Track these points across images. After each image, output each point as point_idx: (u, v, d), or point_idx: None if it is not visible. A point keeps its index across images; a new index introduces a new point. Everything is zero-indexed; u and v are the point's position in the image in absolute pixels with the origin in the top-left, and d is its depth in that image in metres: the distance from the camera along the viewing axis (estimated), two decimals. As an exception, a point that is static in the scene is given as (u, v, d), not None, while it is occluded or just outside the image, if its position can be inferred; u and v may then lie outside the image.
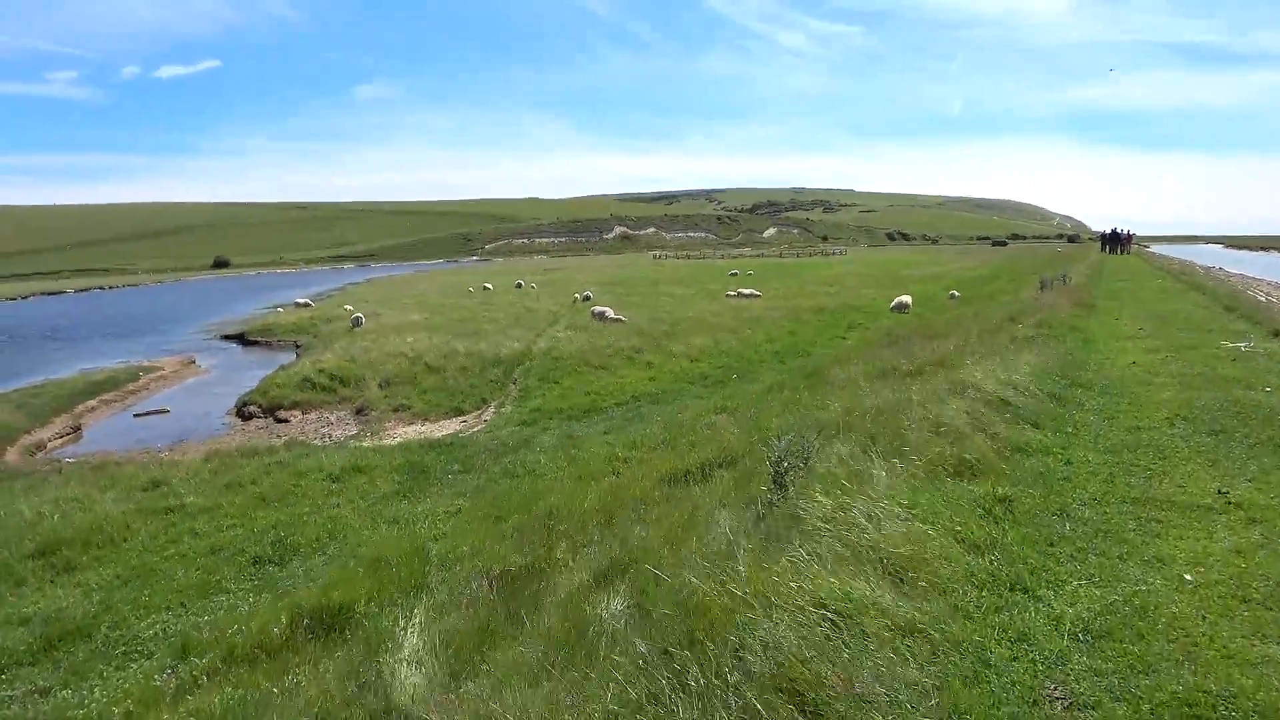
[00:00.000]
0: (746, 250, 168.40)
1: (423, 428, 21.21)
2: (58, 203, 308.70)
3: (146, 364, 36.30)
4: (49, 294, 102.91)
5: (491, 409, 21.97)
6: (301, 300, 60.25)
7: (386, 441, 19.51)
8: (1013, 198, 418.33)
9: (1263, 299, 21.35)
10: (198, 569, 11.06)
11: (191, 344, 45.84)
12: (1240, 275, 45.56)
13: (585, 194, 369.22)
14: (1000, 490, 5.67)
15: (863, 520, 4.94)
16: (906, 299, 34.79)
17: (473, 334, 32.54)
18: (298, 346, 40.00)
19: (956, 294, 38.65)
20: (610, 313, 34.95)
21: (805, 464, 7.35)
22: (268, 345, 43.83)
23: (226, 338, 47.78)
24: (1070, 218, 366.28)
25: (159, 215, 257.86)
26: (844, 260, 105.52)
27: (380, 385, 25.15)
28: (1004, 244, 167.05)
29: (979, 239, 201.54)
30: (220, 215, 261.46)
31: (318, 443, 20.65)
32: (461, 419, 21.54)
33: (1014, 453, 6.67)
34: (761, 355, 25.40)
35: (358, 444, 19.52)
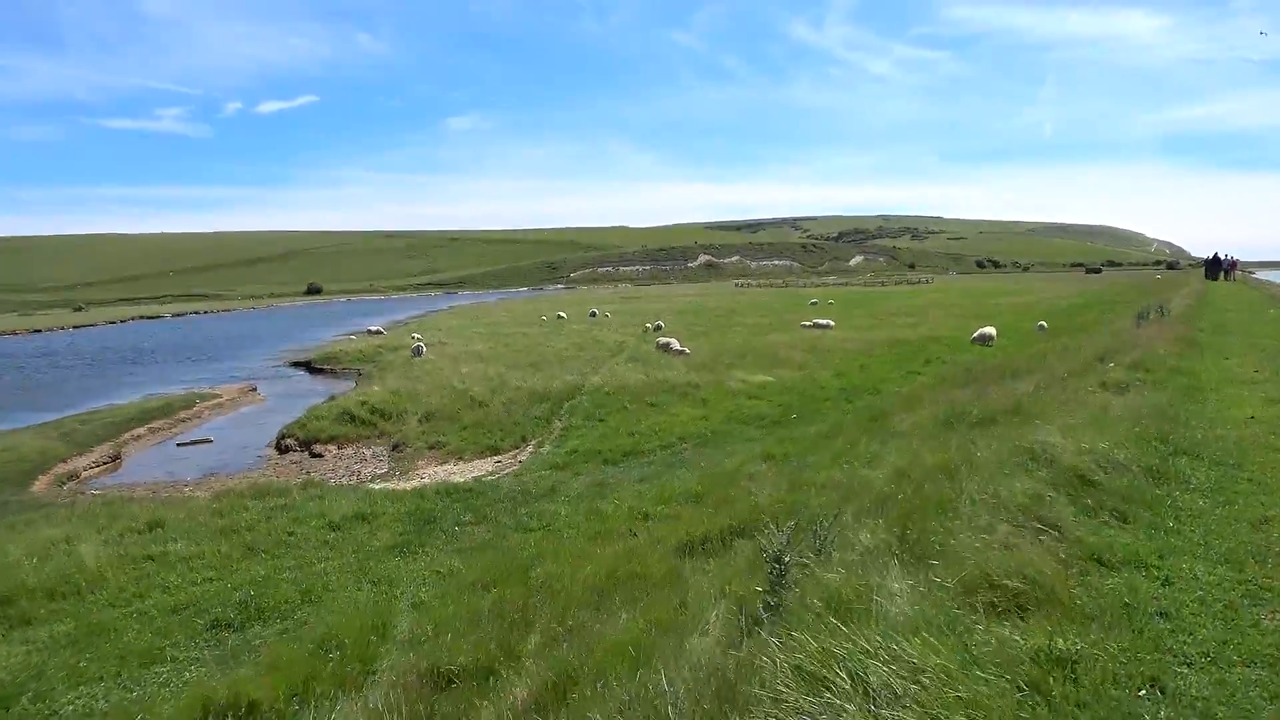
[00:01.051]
0: (831, 279, 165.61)
1: (455, 467, 19.96)
2: (166, 230, 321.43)
3: (207, 391, 36.23)
4: (147, 318, 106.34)
5: (530, 448, 20.59)
6: (374, 328, 60.25)
7: (410, 483, 18.30)
8: (1108, 223, 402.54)
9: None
10: (152, 631, 9.83)
11: (259, 370, 46.10)
12: None
13: (671, 222, 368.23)
14: (1062, 643, 3.66)
15: (846, 686, 3.29)
16: (990, 331, 32.47)
17: (531, 365, 31.43)
18: (360, 375, 39.54)
19: (1044, 325, 36.12)
20: (675, 344, 33.55)
21: (819, 553, 5.75)
22: (332, 373, 43.53)
23: (295, 364, 47.88)
24: (1169, 243, 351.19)
25: (258, 243, 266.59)
26: (930, 289, 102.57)
27: (421, 420, 24.06)
28: (1098, 271, 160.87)
29: (1072, 266, 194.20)
30: (316, 243, 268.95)
31: (342, 481, 19.67)
32: (497, 458, 20.21)
33: (1089, 564, 4.74)
34: (827, 393, 23.54)
35: (380, 485, 18.39)
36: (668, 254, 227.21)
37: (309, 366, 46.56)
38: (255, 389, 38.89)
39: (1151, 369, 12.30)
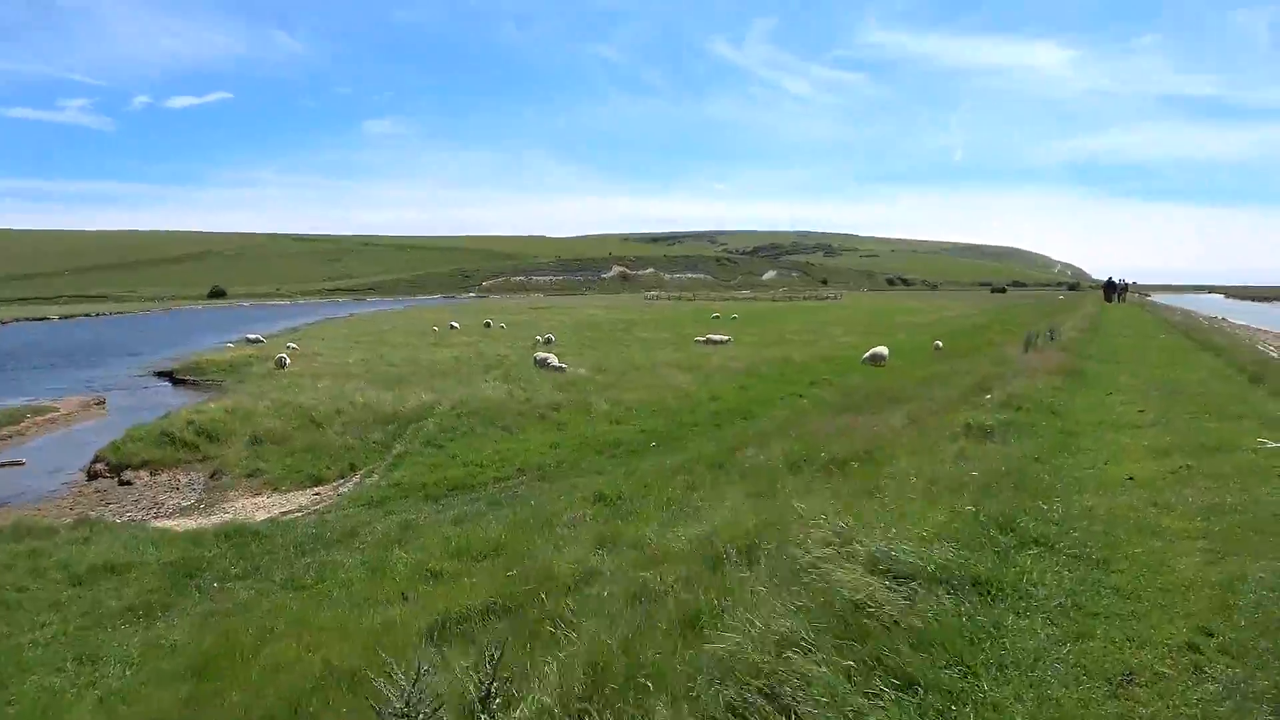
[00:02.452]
0: (745, 292, 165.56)
1: (267, 500, 17.50)
2: (65, 228, 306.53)
3: (45, 404, 32.66)
4: (33, 319, 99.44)
5: (355, 479, 18.22)
6: (254, 336, 56.81)
7: (208, 519, 15.87)
8: (1015, 245, 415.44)
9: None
10: None
11: (120, 380, 42.54)
12: (1246, 327, 42.41)
13: (589, 233, 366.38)
14: None
15: None
16: (882, 351, 31.14)
17: (394, 381, 28.84)
18: (220, 388, 36.46)
19: (940, 345, 35.07)
20: (554, 360, 31.44)
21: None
22: (194, 385, 40.18)
23: (160, 375, 44.30)
24: (1072, 265, 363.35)
25: (163, 243, 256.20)
26: (838, 304, 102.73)
27: (249, 443, 21.39)
28: (1003, 291, 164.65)
29: (979, 285, 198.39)
30: (224, 245, 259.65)
31: (135, 516, 17.01)
32: (316, 490, 17.78)
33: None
34: (698, 416, 21.62)
35: (172, 522, 15.89)
36: (582, 265, 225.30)
37: (172, 377, 43.18)
38: (102, 402, 35.31)
39: (1026, 406, 10.61)
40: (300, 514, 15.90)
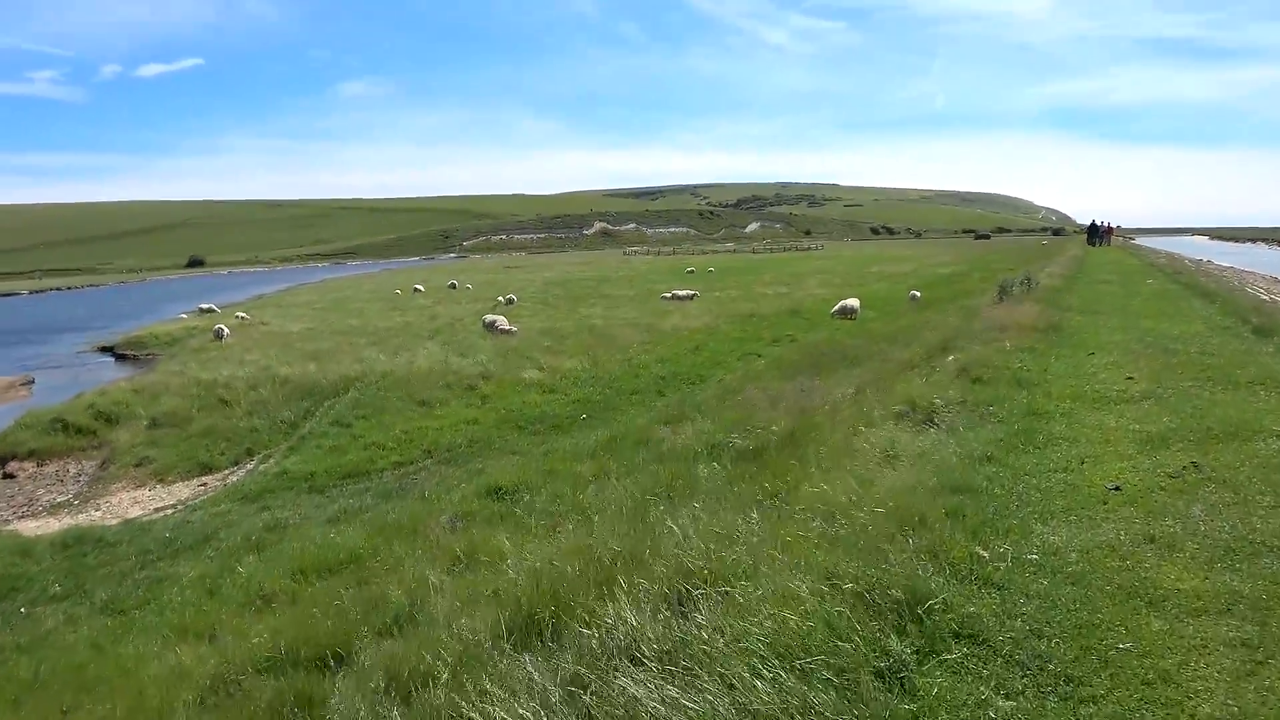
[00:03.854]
0: (728, 245, 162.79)
1: (148, 493, 15.59)
2: (38, 201, 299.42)
3: (-39, 386, 30.60)
4: (2, 295, 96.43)
5: (249, 465, 16.28)
6: (207, 306, 54.42)
7: (74, 520, 13.96)
8: (999, 191, 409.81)
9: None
10: None
11: (62, 357, 40.71)
12: (1233, 269, 40.89)
13: (571, 191, 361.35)
14: None
15: None
16: (852, 303, 29.12)
17: (327, 353, 26.58)
18: (155, 363, 34.32)
19: (918, 294, 33.09)
20: (502, 323, 29.47)
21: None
22: (136, 360, 38.16)
23: (104, 350, 42.27)
24: (1056, 210, 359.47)
25: (139, 214, 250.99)
26: (819, 254, 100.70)
27: (149, 426, 19.38)
28: (987, 237, 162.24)
29: (964, 232, 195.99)
30: (200, 213, 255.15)
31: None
32: (202, 481, 15.86)
33: None
34: (641, 382, 19.64)
35: (29, 523, 13.92)
36: (563, 222, 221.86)
37: (114, 352, 41.16)
38: (30, 382, 33.16)
39: (988, 378, 8.62)
40: (172, 510, 13.97)
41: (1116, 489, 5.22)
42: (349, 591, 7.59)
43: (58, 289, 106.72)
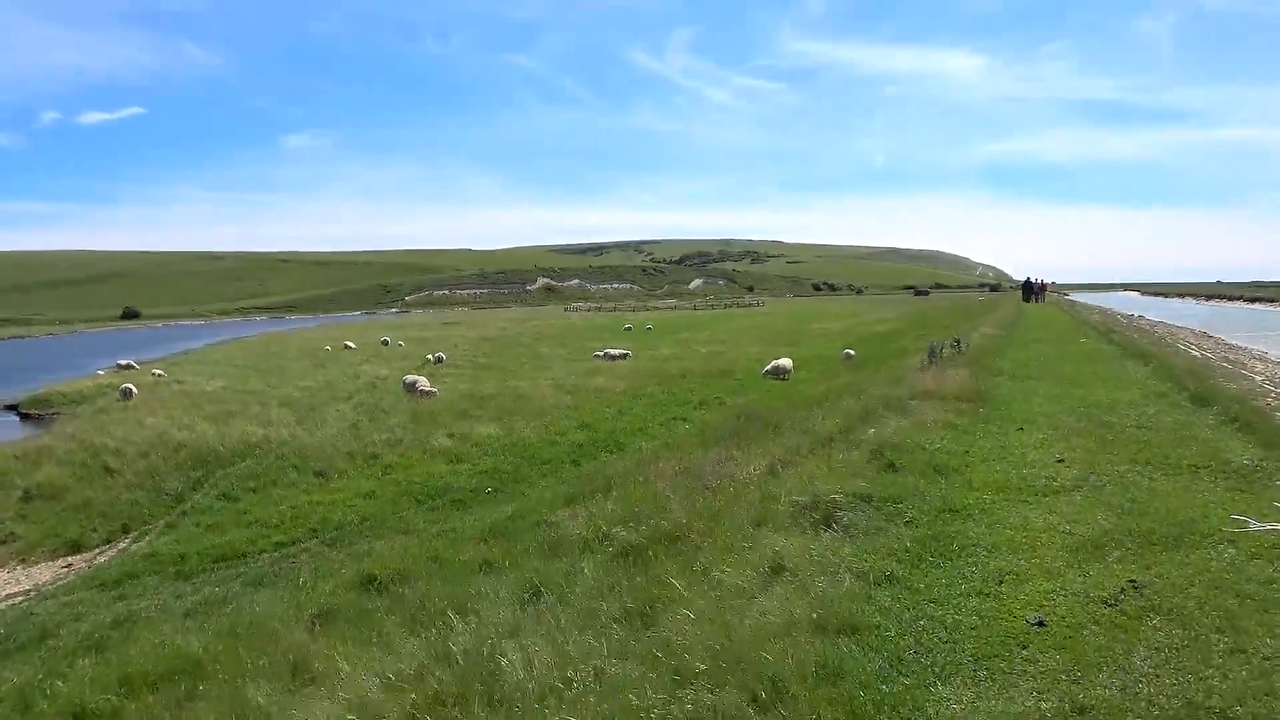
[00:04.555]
0: (670, 302, 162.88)
1: (7, 576, 14.24)
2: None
3: None
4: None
5: (123, 544, 14.82)
6: (125, 362, 52.02)
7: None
8: (938, 248, 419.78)
9: (1258, 375, 14.81)
10: None
11: (-41, 417, 38.28)
12: (1163, 323, 41.60)
13: (515, 246, 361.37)
14: None
15: None
16: (785, 363, 28.42)
17: (233, 415, 25.02)
18: (55, 424, 32.39)
19: (851, 353, 32.54)
20: (423, 384, 28.25)
21: None
22: (39, 419, 36.21)
23: (8, 408, 40.13)
24: (993, 267, 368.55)
25: (75, 264, 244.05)
26: (760, 311, 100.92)
27: (22, 497, 17.76)
28: (926, 293, 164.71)
29: (905, 288, 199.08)
30: (139, 264, 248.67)
31: None
32: (68, 562, 14.41)
33: None
34: (558, 449, 18.53)
35: None
36: (506, 277, 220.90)
37: (18, 410, 39.17)
38: (-88, 446, 30.99)
39: (901, 462, 7.70)
40: (22, 598, 12.49)
41: (1040, 624, 4.27)
42: (168, 715, 6.46)
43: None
